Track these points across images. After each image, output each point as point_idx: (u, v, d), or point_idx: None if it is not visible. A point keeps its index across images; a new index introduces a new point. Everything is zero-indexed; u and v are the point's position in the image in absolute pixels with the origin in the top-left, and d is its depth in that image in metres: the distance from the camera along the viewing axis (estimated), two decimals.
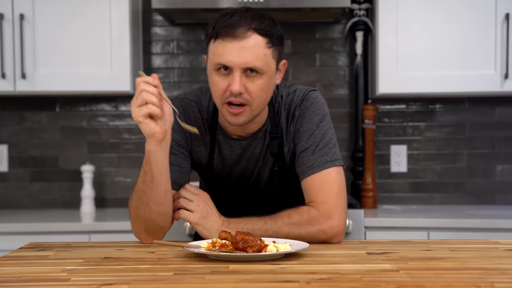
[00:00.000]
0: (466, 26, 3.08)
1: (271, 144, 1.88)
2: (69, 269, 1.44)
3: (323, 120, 1.85)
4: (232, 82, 1.71)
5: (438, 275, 1.34)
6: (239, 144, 1.89)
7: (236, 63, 1.70)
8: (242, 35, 1.69)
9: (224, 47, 1.70)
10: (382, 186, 3.43)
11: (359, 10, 3.32)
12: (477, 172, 3.42)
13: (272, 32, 1.74)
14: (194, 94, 1.94)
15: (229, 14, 1.73)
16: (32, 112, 3.44)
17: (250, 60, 1.70)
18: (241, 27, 1.70)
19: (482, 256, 1.56)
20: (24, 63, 3.06)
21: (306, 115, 1.85)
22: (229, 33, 1.70)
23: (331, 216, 1.76)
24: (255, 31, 1.71)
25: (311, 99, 1.87)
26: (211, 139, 1.90)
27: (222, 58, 1.71)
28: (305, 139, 1.83)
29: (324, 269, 1.40)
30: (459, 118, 3.42)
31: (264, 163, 1.92)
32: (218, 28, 1.72)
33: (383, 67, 3.10)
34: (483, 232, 2.81)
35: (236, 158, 1.91)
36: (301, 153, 1.83)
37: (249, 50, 1.70)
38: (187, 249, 1.56)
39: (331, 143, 1.83)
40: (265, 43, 1.72)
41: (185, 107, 1.91)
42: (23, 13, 3.06)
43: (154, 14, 3.43)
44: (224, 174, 1.95)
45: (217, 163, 1.93)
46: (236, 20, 1.70)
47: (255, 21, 1.71)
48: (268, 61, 1.73)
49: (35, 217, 3.11)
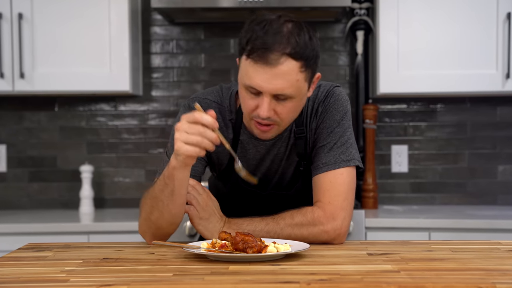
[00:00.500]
0: (467, 25, 3.08)
1: (297, 144, 1.87)
2: (68, 270, 1.44)
3: (344, 117, 1.84)
4: (261, 106, 1.68)
5: (439, 276, 1.34)
6: (263, 144, 1.87)
7: (267, 89, 1.66)
8: (275, 62, 1.62)
9: (255, 71, 1.65)
10: (383, 186, 3.43)
11: (359, 9, 3.32)
12: (479, 173, 3.42)
13: (307, 54, 1.66)
14: (215, 94, 1.91)
15: (265, 27, 1.64)
16: (30, 112, 3.44)
17: (282, 88, 1.65)
18: (274, 52, 1.62)
19: (484, 257, 1.56)
20: (22, 62, 3.06)
21: (329, 112, 1.84)
22: (261, 57, 1.63)
23: (336, 218, 1.76)
24: (289, 56, 1.63)
25: (335, 95, 1.85)
26: (234, 139, 1.89)
27: (253, 81, 1.66)
28: (325, 135, 1.83)
29: (324, 270, 1.40)
30: (461, 118, 3.42)
31: (289, 163, 1.91)
32: (251, 46, 1.64)
33: (384, 66, 3.10)
34: (485, 233, 2.81)
35: (260, 158, 1.90)
36: (319, 149, 1.83)
37: (280, 77, 1.64)
38: (187, 250, 1.56)
39: (349, 142, 1.83)
40: (298, 67, 1.65)
41: (205, 108, 1.88)
42: (22, 12, 3.06)
43: (154, 13, 3.43)
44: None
45: (241, 163, 1.92)
46: (271, 41, 1.62)
47: (290, 43, 1.63)
48: (300, 86, 1.69)
49: (34, 217, 3.11)
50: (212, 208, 1.80)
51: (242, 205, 1.93)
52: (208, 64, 3.45)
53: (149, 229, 1.78)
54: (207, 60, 3.45)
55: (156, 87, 3.46)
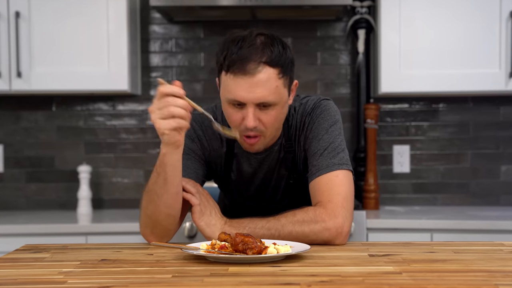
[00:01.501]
0: (470, 24, 3.08)
1: (285, 158, 1.92)
2: (66, 272, 1.44)
3: (332, 125, 1.87)
4: (247, 117, 1.74)
5: (442, 278, 1.34)
6: (255, 158, 1.93)
7: (249, 99, 1.73)
8: (253, 71, 1.70)
9: (236, 83, 1.72)
10: (384, 187, 3.43)
11: (361, 8, 3.32)
12: (481, 173, 3.42)
13: (283, 61, 1.74)
14: (209, 111, 1.95)
15: (239, 43, 1.72)
16: (28, 111, 3.44)
17: (262, 95, 1.72)
18: (251, 62, 1.70)
19: (486, 258, 1.56)
20: (19, 61, 3.06)
21: (316, 122, 1.88)
22: (240, 68, 1.70)
23: (337, 215, 1.77)
24: (266, 64, 1.71)
25: (322, 106, 1.90)
26: (228, 153, 1.94)
27: (235, 94, 1.73)
28: (315, 143, 1.86)
29: (325, 271, 1.40)
30: (463, 118, 3.42)
31: (280, 176, 1.95)
32: (229, 61, 1.72)
33: (385, 65, 3.10)
34: (487, 234, 2.81)
35: (253, 172, 1.95)
36: (310, 158, 1.86)
37: (261, 85, 1.71)
38: (186, 251, 1.56)
39: (340, 148, 1.85)
40: (276, 74, 1.73)
41: (202, 122, 1.95)
42: (19, 10, 3.06)
43: (152, 11, 3.43)
44: (243, 187, 1.98)
45: (236, 176, 1.97)
46: (246, 54, 1.70)
47: (265, 52, 1.71)
48: (281, 92, 1.75)
49: (31, 218, 3.11)
50: (213, 206, 1.83)
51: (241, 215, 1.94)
52: (207, 63, 3.45)
53: (148, 226, 1.79)
54: (206, 59, 3.45)
55: (155, 86, 3.46)
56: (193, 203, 1.80)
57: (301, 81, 3.38)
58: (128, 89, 3.13)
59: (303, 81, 3.38)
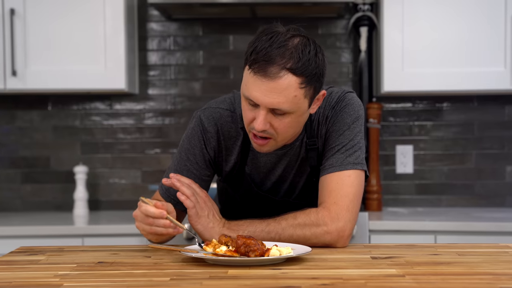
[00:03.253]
0: (474, 21, 3.08)
1: (310, 156, 1.90)
2: (62, 274, 1.44)
3: (355, 121, 1.85)
4: (257, 119, 1.71)
5: (446, 281, 1.34)
6: (274, 153, 1.90)
7: (263, 102, 1.68)
8: (274, 76, 1.65)
9: (255, 83, 1.68)
10: (387, 188, 3.43)
11: (363, 5, 3.32)
12: (486, 173, 3.42)
13: (309, 71, 1.68)
14: (227, 102, 1.94)
15: (271, 39, 1.66)
16: (23, 111, 3.45)
17: (277, 102, 1.67)
18: (275, 65, 1.64)
19: (492, 260, 1.56)
20: (14, 60, 3.06)
21: (339, 115, 1.85)
22: (262, 69, 1.65)
23: (340, 219, 1.77)
24: (289, 71, 1.65)
25: (347, 100, 1.87)
26: (244, 147, 1.91)
27: (251, 93, 1.69)
28: (334, 138, 1.84)
29: (326, 274, 1.40)
30: (467, 117, 3.42)
31: (300, 172, 1.94)
32: (254, 57, 1.66)
33: (388, 64, 3.10)
34: (493, 236, 2.81)
35: (271, 167, 1.93)
36: (327, 151, 1.85)
37: (278, 91, 1.66)
38: (184, 254, 1.56)
39: (358, 146, 1.84)
40: (298, 83, 1.67)
41: (217, 119, 1.92)
42: (14, 8, 3.06)
43: (150, 8, 3.43)
44: (258, 181, 1.96)
45: (251, 170, 1.94)
46: (274, 54, 1.64)
47: (293, 57, 1.65)
48: (298, 102, 1.70)
49: (26, 220, 3.11)
50: (210, 207, 1.81)
51: (254, 211, 1.95)
52: (206, 61, 3.45)
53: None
54: (205, 57, 3.45)
55: (153, 85, 3.46)
56: (187, 206, 1.79)
57: None
58: (126, 88, 3.13)
59: None
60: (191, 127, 1.94)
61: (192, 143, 1.92)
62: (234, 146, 1.92)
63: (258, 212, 1.91)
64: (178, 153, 1.95)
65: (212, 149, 1.92)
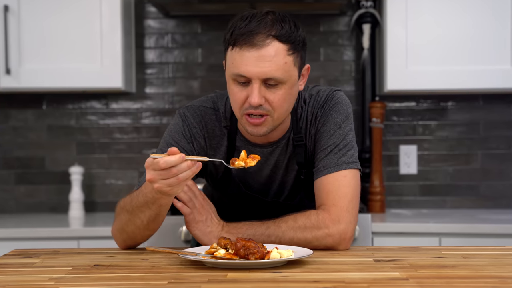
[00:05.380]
0: (480, 18, 3.08)
1: (297, 152, 1.90)
2: (57, 278, 1.44)
3: (346, 120, 1.87)
4: (251, 93, 1.71)
5: (450, 284, 1.34)
6: (260, 152, 1.89)
7: (255, 73, 1.69)
8: (261, 43, 1.68)
9: (242, 57, 1.69)
10: (390, 189, 3.43)
11: (366, 1, 3.32)
12: (492, 174, 3.42)
13: (294, 38, 1.72)
14: (210, 101, 1.94)
15: (248, 19, 1.72)
16: (17, 110, 3.45)
17: (270, 70, 1.69)
18: (260, 34, 1.69)
19: (498, 263, 1.56)
20: (8, 57, 3.06)
21: (329, 115, 1.86)
22: (247, 41, 1.68)
23: (341, 220, 1.77)
24: (274, 38, 1.69)
25: (335, 99, 1.88)
26: (229, 146, 1.91)
27: (240, 68, 1.70)
28: (326, 138, 1.85)
29: (328, 278, 1.41)
30: (473, 117, 3.42)
31: (288, 171, 1.93)
32: (236, 35, 1.70)
33: (391, 62, 3.10)
34: (499, 238, 2.81)
35: (258, 167, 1.91)
36: (320, 153, 1.85)
37: (268, 59, 1.69)
38: (183, 256, 1.56)
39: (350, 144, 1.85)
40: (285, 50, 1.71)
41: (202, 115, 1.92)
42: (8, 4, 3.06)
43: (148, 5, 3.43)
44: (245, 183, 1.96)
45: (237, 172, 1.93)
46: (255, 26, 1.69)
47: (275, 27, 1.70)
48: (289, 70, 1.73)
49: (20, 222, 3.11)
50: (208, 211, 1.81)
51: (244, 213, 1.94)
52: (205, 59, 3.45)
53: (121, 236, 1.82)
54: (204, 55, 3.45)
55: (150, 83, 3.46)
56: (184, 212, 1.80)
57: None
58: (122, 86, 3.13)
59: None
60: (174, 123, 1.92)
61: (175, 138, 1.89)
62: (219, 146, 1.92)
63: (248, 214, 1.91)
64: (159, 150, 1.89)
65: (199, 146, 1.90)
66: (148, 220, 1.74)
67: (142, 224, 1.75)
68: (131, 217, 1.75)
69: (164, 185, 1.55)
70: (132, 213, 1.75)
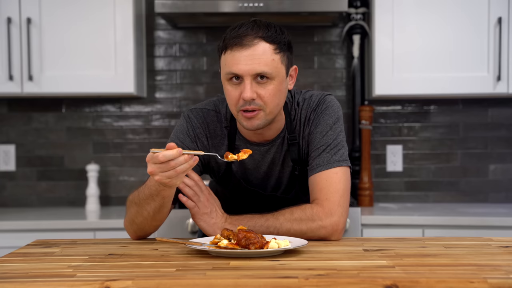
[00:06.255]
0: (460, 29, 3.08)
1: (290, 150, 1.91)
2: (75, 265, 1.44)
3: (336, 122, 1.88)
4: (244, 89, 1.74)
5: (433, 271, 1.34)
6: (258, 150, 1.91)
7: (246, 70, 1.73)
8: (250, 43, 1.73)
9: (233, 57, 1.73)
10: (378, 184, 3.43)
11: (356, 14, 3.32)
12: (471, 172, 3.42)
13: (279, 39, 1.76)
14: (212, 104, 1.96)
15: (237, 27, 1.76)
16: (38, 113, 3.44)
17: (259, 66, 1.72)
18: (248, 36, 1.73)
19: (475, 252, 1.56)
20: (31, 65, 3.06)
21: (321, 117, 1.88)
22: (237, 42, 1.73)
23: (333, 214, 1.77)
24: (262, 39, 1.74)
25: (327, 102, 1.90)
26: (230, 145, 1.92)
27: (232, 67, 1.74)
28: (318, 139, 1.86)
29: (322, 265, 1.41)
30: (453, 119, 3.42)
31: (284, 168, 1.94)
32: (227, 40, 1.76)
33: (379, 69, 3.10)
34: (476, 230, 2.81)
35: (256, 164, 1.93)
36: (313, 152, 1.86)
37: (257, 56, 1.72)
38: (189, 246, 1.56)
39: (341, 144, 1.87)
40: (272, 49, 1.75)
41: (204, 117, 1.93)
42: (30, 17, 3.06)
43: (157, 18, 3.43)
44: (244, 179, 1.97)
45: (237, 168, 1.95)
46: (244, 31, 1.74)
47: (262, 30, 1.75)
48: (277, 66, 1.76)
49: (42, 215, 3.11)
50: (213, 204, 1.82)
51: (244, 206, 1.94)
52: (210, 67, 3.45)
53: (131, 227, 1.82)
54: (209, 63, 3.45)
55: (160, 89, 3.46)
56: (188, 206, 1.80)
57: (298, 84, 3.38)
58: (134, 91, 3.13)
59: (300, 84, 3.38)
60: (180, 124, 1.93)
61: (180, 137, 1.90)
62: (220, 145, 1.93)
63: (248, 207, 1.92)
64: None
65: (202, 145, 1.92)
66: (154, 211, 1.74)
67: (149, 215, 1.75)
68: (139, 209, 1.76)
69: (164, 177, 1.57)
70: (139, 206, 1.75)
